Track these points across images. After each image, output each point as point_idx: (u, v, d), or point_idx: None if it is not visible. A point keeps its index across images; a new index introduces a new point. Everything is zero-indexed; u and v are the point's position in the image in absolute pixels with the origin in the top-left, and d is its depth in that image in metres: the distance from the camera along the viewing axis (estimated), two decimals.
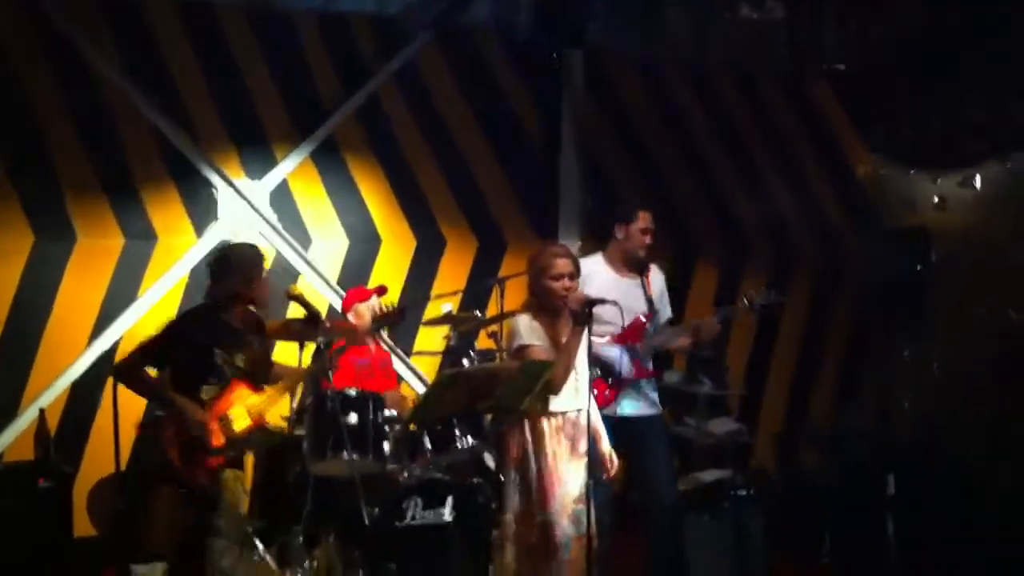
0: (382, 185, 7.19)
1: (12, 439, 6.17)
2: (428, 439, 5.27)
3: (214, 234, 6.71)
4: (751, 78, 8.33)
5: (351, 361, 5.92)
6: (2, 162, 6.30)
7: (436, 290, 7.07)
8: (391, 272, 7.03)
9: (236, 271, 4.75)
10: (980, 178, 7.25)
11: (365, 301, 6.06)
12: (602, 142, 7.81)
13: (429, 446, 5.26)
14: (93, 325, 6.41)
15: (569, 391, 4.44)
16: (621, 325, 4.85)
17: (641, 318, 5.22)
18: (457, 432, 5.24)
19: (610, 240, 5.35)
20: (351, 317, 6.06)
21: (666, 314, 5.42)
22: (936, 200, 7.54)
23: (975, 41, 7.25)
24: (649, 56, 8.03)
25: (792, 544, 6.21)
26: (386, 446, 5.22)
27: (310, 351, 5.47)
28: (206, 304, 4.82)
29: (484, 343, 6.23)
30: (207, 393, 4.64)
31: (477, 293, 6.89)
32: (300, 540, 5.22)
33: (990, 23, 7.08)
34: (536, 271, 4.51)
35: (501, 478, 4.60)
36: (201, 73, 6.83)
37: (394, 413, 5.32)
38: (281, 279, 6.72)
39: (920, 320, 6.48)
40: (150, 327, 5.56)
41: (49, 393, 6.22)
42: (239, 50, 6.94)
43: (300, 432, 5.38)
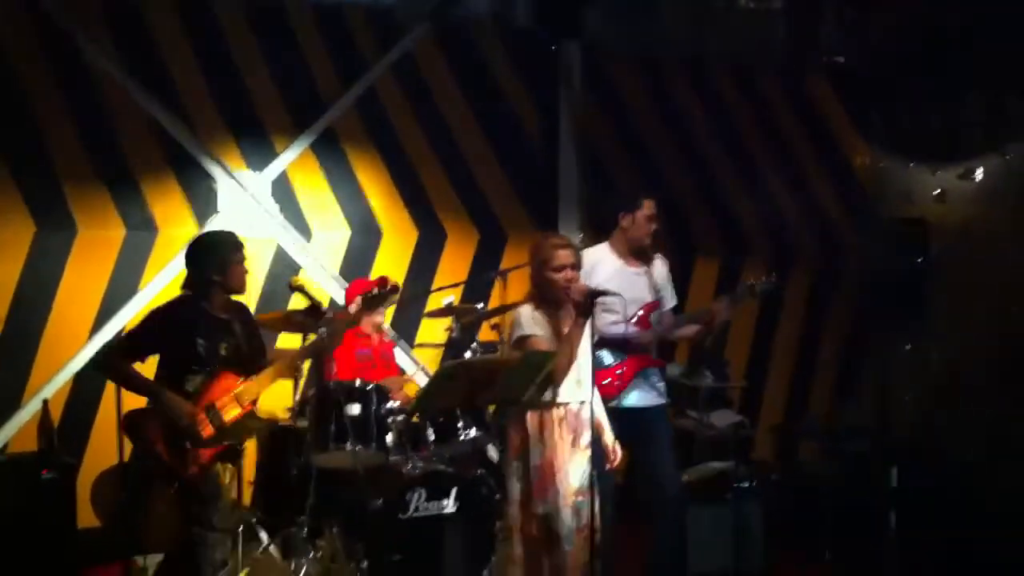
0: (382, 176, 7.20)
1: (16, 431, 6.19)
2: (431, 431, 5.29)
3: (215, 226, 6.71)
4: (750, 72, 8.32)
5: (353, 352, 5.94)
6: (3, 155, 6.29)
7: (437, 282, 7.09)
8: (392, 264, 7.05)
9: (209, 258, 4.72)
10: (981, 170, 7.25)
11: (367, 293, 6.07)
12: (600, 133, 7.81)
13: (432, 438, 5.29)
14: (95, 316, 6.42)
15: (571, 382, 4.46)
16: (625, 315, 4.90)
17: (647, 306, 5.24)
18: (460, 424, 5.26)
19: (614, 229, 5.35)
20: (353, 308, 6.07)
21: (671, 303, 5.44)
22: (935, 193, 7.55)
23: (974, 33, 7.25)
24: (646, 49, 8.01)
25: (792, 537, 6.23)
26: (389, 437, 5.24)
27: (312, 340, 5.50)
28: (185, 294, 4.79)
29: (486, 335, 6.24)
30: (192, 384, 4.61)
31: (478, 285, 6.91)
32: (304, 532, 5.27)
33: (989, 15, 7.08)
34: (538, 262, 4.51)
35: (504, 470, 4.62)
36: (199, 64, 6.81)
37: (397, 404, 5.34)
38: (283, 271, 6.77)
39: (920, 314, 6.48)
40: None
41: (52, 384, 6.23)
42: (237, 41, 6.92)
43: (303, 423, 5.42)
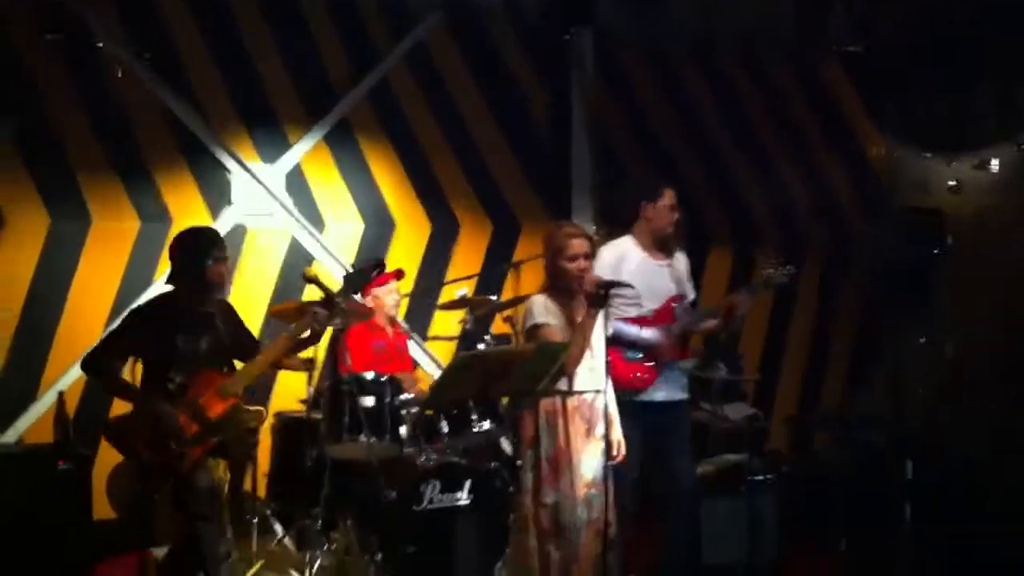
0: (396, 168, 7.19)
1: (31, 422, 6.22)
2: (445, 423, 5.30)
3: (229, 217, 6.73)
4: (761, 61, 8.30)
5: (368, 345, 5.95)
6: (17, 145, 6.31)
7: (451, 273, 7.09)
8: (406, 255, 7.05)
9: (186, 256, 4.70)
10: (996, 161, 7.20)
11: (383, 285, 6.09)
12: (613, 122, 7.79)
13: (446, 430, 5.29)
14: (110, 308, 6.44)
15: (585, 371, 4.45)
16: (650, 307, 4.94)
17: (672, 299, 5.24)
18: (474, 416, 5.27)
19: (636, 220, 5.33)
20: (368, 301, 6.09)
21: (690, 296, 5.44)
22: (951, 183, 7.50)
23: (984, 25, 7.20)
24: (657, 38, 7.98)
25: (806, 528, 6.22)
26: (403, 429, 5.24)
27: (328, 334, 5.51)
28: (166, 291, 4.78)
29: (499, 327, 6.24)
30: (173, 382, 4.57)
31: (492, 277, 6.91)
32: (318, 524, 5.29)
33: (998, 6, 7.03)
34: (551, 251, 4.50)
35: (518, 462, 4.62)
36: (213, 56, 6.83)
37: (411, 396, 5.34)
38: (296, 262, 6.77)
39: (933, 306, 6.46)
40: None
41: (67, 376, 6.25)
42: (251, 32, 6.93)
43: (317, 415, 5.44)
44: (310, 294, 6.04)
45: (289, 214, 6.86)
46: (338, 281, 6.81)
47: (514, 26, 7.62)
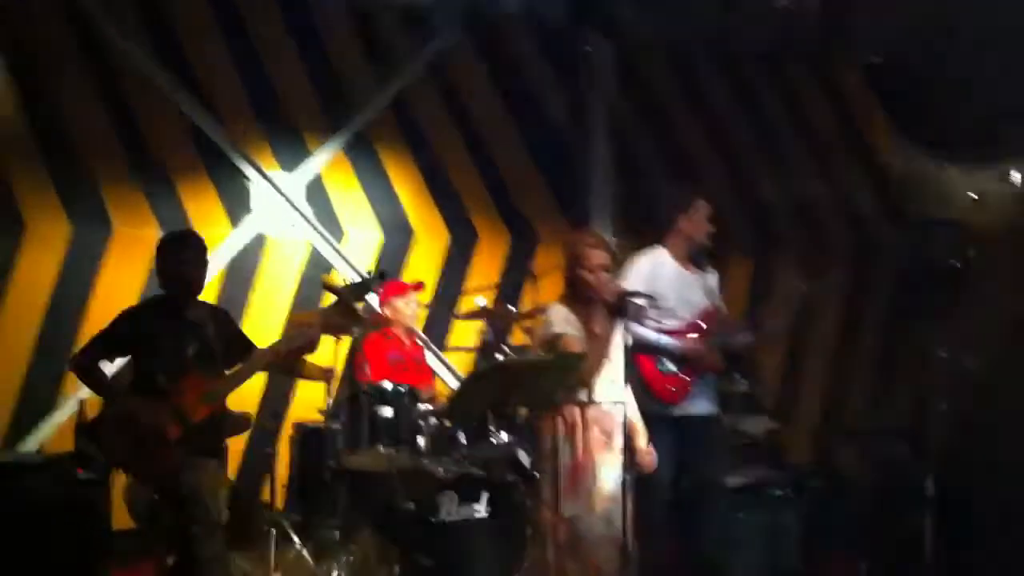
0: (415, 177, 7.20)
1: (52, 430, 6.24)
2: (463, 434, 5.29)
3: (248, 226, 6.75)
4: (782, 66, 8.29)
5: (385, 356, 5.95)
6: (39, 153, 6.33)
7: (469, 284, 7.08)
8: (425, 266, 7.05)
9: (165, 259, 4.71)
10: (1020, 176, 7.15)
11: (402, 296, 6.10)
12: (633, 132, 7.77)
13: (464, 441, 5.28)
14: None
15: (606, 382, 4.44)
16: (684, 317, 5.02)
17: (706, 311, 5.23)
18: (492, 427, 5.25)
19: (669, 232, 5.32)
20: (387, 312, 6.10)
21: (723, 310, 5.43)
22: (973, 196, 7.45)
23: (1009, 34, 7.15)
24: (680, 46, 7.98)
25: (828, 540, 6.18)
26: (421, 440, 5.24)
27: (347, 343, 5.52)
28: (158, 295, 4.77)
29: (518, 338, 6.23)
30: (159, 385, 4.54)
31: (511, 286, 6.89)
32: (336, 535, 5.28)
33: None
34: (571, 261, 4.50)
35: (536, 474, 4.61)
36: (234, 64, 6.85)
37: (429, 407, 5.34)
38: (316, 272, 6.78)
39: (956, 317, 6.41)
40: None
41: None
42: (272, 41, 6.95)
43: (335, 426, 5.44)
44: (329, 302, 6.03)
45: (308, 223, 6.87)
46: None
47: (534, 36, 7.63)
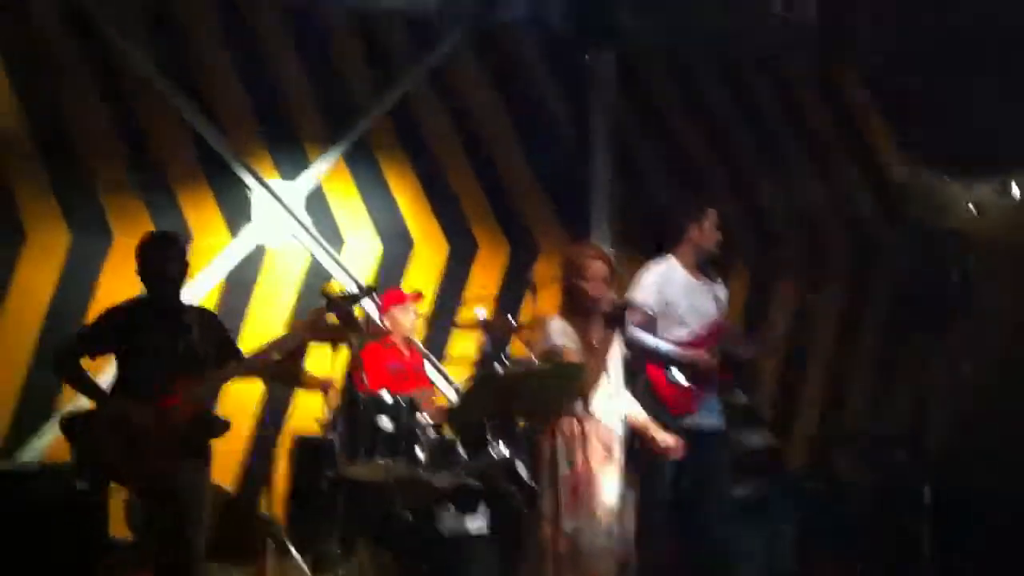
0: (415, 186, 7.19)
1: (51, 441, 6.22)
2: (461, 445, 5.28)
3: (248, 235, 6.75)
4: (785, 76, 8.29)
5: (385, 366, 5.95)
6: (39, 160, 6.33)
7: (468, 294, 7.07)
8: (424, 275, 7.04)
9: (144, 259, 4.65)
10: (1017, 188, 7.15)
11: (401, 305, 6.10)
12: (635, 142, 7.77)
13: (462, 452, 5.28)
14: None
15: (603, 394, 4.44)
16: (695, 327, 5.06)
17: (716, 322, 5.24)
18: (490, 439, 5.25)
19: (679, 242, 5.35)
20: (386, 321, 6.10)
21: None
22: (971, 207, 7.45)
23: (1011, 44, 7.16)
24: (682, 55, 7.99)
25: (826, 550, 6.18)
26: (419, 451, 5.24)
27: (344, 354, 5.51)
28: (140, 295, 4.70)
29: (517, 349, 6.22)
30: (143, 385, 4.48)
31: (510, 297, 6.89)
32: (334, 546, 5.27)
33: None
34: (570, 272, 4.49)
35: (534, 485, 4.60)
36: (236, 72, 6.85)
37: (428, 419, 5.33)
38: (315, 281, 6.76)
39: (955, 327, 6.41)
40: None
41: None
42: (273, 49, 6.96)
43: (333, 436, 5.43)
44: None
45: (308, 233, 6.87)
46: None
47: (536, 44, 7.62)
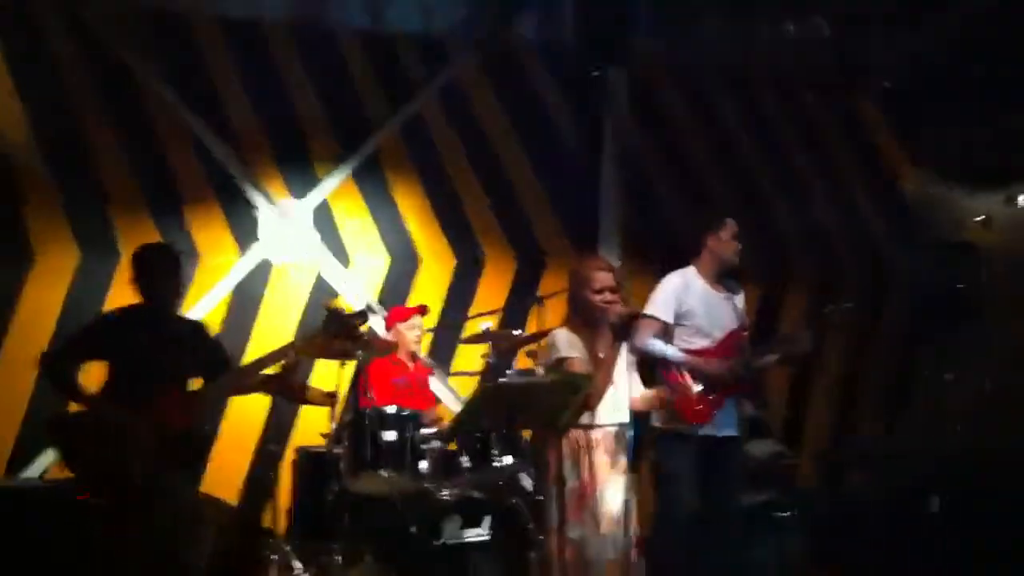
0: (422, 203, 7.21)
1: (55, 457, 6.21)
2: (465, 457, 5.25)
3: (255, 252, 6.76)
4: (795, 93, 8.30)
5: (390, 380, 5.93)
6: (49, 179, 6.37)
7: (475, 308, 7.07)
8: (431, 291, 7.04)
9: (141, 269, 4.70)
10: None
11: (405, 321, 6.10)
12: (646, 158, 7.77)
13: (467, 464, 5.25)
14: None
15: (608, 405, 4.43)
16: (714, 337, 5.11)
17: (734, 332, 5.24)
18: (494, 451, 5.22)
19: (698, 254, 5.36)
20: (391, 336, 6.10)
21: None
22: (981, 218, 7.42)
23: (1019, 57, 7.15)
24: (694, 73, 8.01)
25: (836, 565, 6.11)
26: (423, 464, 5.21)
27: (350, 368, 5.50)
28: (135, 304, 4.74)
29: (523, 362, 6.20)
30: (133, 395, 4.47)
31: (516, 312, 6.87)
32: (338, 559, 5.23)
33: None
34: (577, 284, 4.51)
35: (538, 498, 4.57)
36: (246, 91, 6.90)
37: (432, 431, 5.31)
38: (322, 298, 6.76)
39: (966, 340, 6.36)
40: None
41: None
42: (284, 68, 7.00)
43: (338, 450, 5.41)
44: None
45: (315, 250, 6.87)
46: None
47: (547, 63, 7.65)
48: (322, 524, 5.40)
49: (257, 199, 6.80)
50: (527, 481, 5.57)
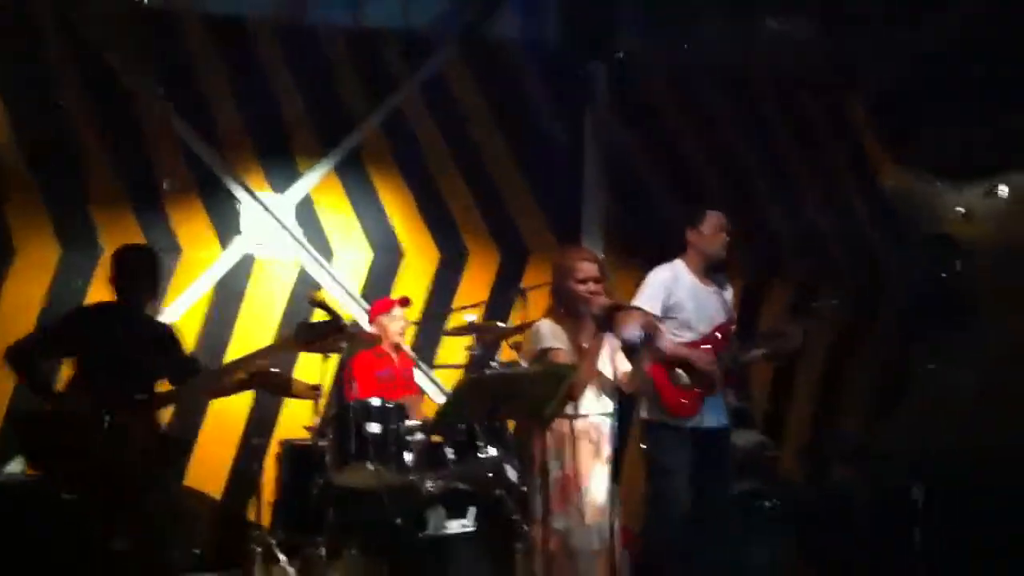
0: (405, 196, 7.21)
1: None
2: (450, 449, 5.26)
3: (237, 247, 6.75)
4: (782, 91, 8.33)
5: (374, 373, 5.94)
6: (30, 174, 6.35)
7: (459, 301, 7.07)
8: (414, 284, 7.04)
9: (119, 268, 4.68)
10: (1007, 189, 7.16)
11: (387, 313, 6.10)
12: (628, 154, 7.80)
13: (451, 456, 5.26)
14: None
15: (592, 396, 4.43)
16: (701, 331, 5.08)
17: (721, 326, 5.25)
18: (479, 442, 5.23)
19: (685, 249, 5.35)
20: (374, 328, 6.10)
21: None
22: (961, 211, 7.46)
23: (1006, 56, 7.20)
24: (679, 67, 8.03)
25: (820, 557, 6.13)
26: (408, 456, 5.21)
27: (334, 361, 5.50)
28: (108, 301, 4.70)
29: (507, 354, 6.21)
30: (103, 394, 4.40)
31: (500, 304, 6.88)
32: (323, 552, 5.23)
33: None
34: (560, 274, 4.48)
35: (523, 488, 4.58)
36: (229, 86, 6.88)
37: (417, 423, 5.31)
38: (305, 292, 6.74)
39: (949, 334, 6.39)
40: None
41: None
42: (267, 63, 6.99)
43: (323, 443, 5.41)
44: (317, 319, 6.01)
45: (298, 244, 6.87)
46: (347, 312, 6.82)
47: (529, 58, 7.65)
48: (307, 517, 5.39)
49: (239, 193, 6.79)
50: (512, 472, 5.57)
